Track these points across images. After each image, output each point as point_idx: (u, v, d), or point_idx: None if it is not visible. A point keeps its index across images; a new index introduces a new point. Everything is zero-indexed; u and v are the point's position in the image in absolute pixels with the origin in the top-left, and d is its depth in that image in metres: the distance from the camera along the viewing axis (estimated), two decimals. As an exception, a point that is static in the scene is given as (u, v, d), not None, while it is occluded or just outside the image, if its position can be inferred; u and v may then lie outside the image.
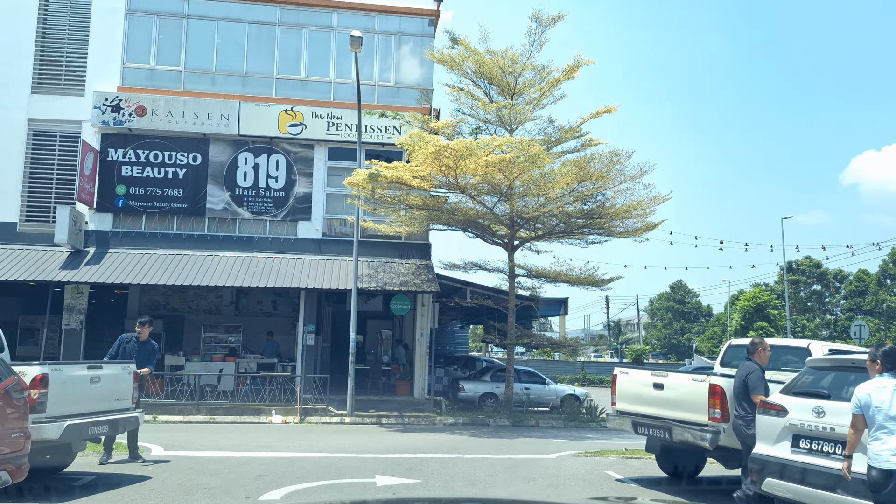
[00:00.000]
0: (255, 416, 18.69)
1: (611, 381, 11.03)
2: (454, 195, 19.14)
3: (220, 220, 21.53)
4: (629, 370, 10.70)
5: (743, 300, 37.87)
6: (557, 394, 23.29)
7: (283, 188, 21.72)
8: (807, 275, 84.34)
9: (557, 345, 19.49)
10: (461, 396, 22.79)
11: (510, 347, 19.62)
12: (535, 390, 22.87)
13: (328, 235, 21.86)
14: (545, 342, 19.18)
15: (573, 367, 42.88)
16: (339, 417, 18.79)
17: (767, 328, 35.84)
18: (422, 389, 21.44)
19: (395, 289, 19.65)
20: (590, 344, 23.98)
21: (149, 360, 11.29)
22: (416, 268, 21.39)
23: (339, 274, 20.46)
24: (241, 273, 19.94)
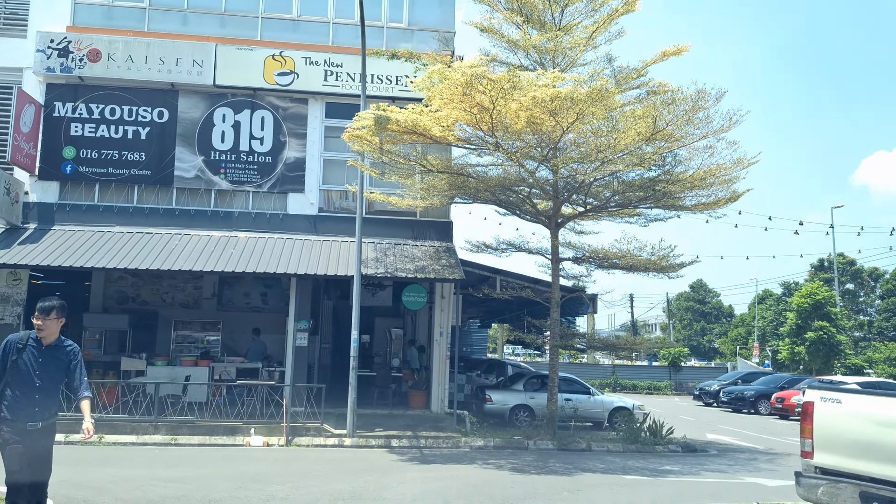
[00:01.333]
0: (229, 437, 14.59)
1: (800, 414, 6.48)
2: (485, 155, 14.98)
3: (191, 192, 17.42)
4: (844, 394, 6.13)
5: (799, 297, 33.50)
6: (605, 406, 19.09)
7: (269, 152, 17.59)
8: (839, 273, 79.41)
9: (613, 347, 15.31)
10: (488, 409, 18.63)
11: (554, 350, 15.43)
12: (578, 402, 18.66)
13: (326, 211, 17.72)
14: (599, 343, 15.01)
15: (602, 372, 38.68)
16: (337, 438, 14.67)
17: (829, 328, 31.53)
18: (440, 401, 17.28)
19: (408, 276, 15.51)
20: (652, 345, 19.60)
21: (53, 376, 5.87)
22: (435, 251, 17.23)
23: (340, 258, 16.32)
24: (217, 256, 15.84)
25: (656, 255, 14.43)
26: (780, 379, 28.65)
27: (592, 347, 14.99)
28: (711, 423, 22.62)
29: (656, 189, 14.78)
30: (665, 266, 14.85)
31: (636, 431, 15.61)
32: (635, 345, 14.61)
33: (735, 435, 19.55)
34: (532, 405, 18.68)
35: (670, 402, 32.44)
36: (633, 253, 14.57)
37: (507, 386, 19.42)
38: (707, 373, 39.50)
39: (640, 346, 14.66)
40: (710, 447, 16.46)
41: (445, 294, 17.52)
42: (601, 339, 15.10)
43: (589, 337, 15.06)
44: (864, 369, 32.16)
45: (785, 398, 25.63)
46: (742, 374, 31.90)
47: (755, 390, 27.87)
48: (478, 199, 16.46)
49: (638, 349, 14.76)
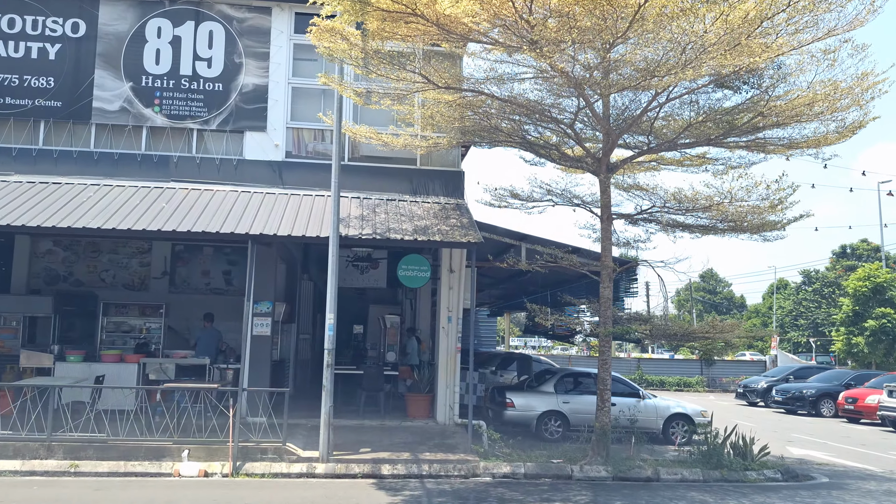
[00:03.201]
0: (152, 462, 10.35)
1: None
2: (511, 66, 10.64)
3: (115, 130, 13.13)
4: None
5: (856, 280, 29.22)
6: (659, 412, 14.84)
7: (220, 78, 13.28)
8: (863, 259, 75.11)
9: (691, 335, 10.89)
10: (509, 417, 14.39)
11: (605, 340, 11.13)
12: (625, 407, 14.42)
13: (295, 156, 13.44)
14: (674, 330, 10.59)
15: (625, 366, 34.40)
16: (306, 464, 10.43)
17: (893, 316, 27.28)
18: (449, 408, 13.04)
19: (405, 238, 11.22)
20: (746, 333, 14.87)
21: None
22: (441, 209, 12.94)
23: (312, 216, 12.03)
24: (146, 212, 11.53)
25: (771, 198, 10.03)
26: (843, 375, 24.39)
27: (663, 336, 10.65)
28: (778, 430, 18.37)
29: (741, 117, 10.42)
30: (767, 223, 10.49)
31: (717, 451, 11.33)
32: (723, 332, 10.34)
33: (820, 447, 15.30)
34: (566, 411, 14.43)
35: (707, 402, 28.16)
36: (735, 196, 10.13)
37: (532, 387, 15.13)
38: (743, 367, 35.23)
39: (731, 333, 10.41)
40: (812, 470, 12.22)
41: (455, 266, 13.23)
42: (678, 325, 10.77)
43: (656, 322, 10.76)
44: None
45: (858, 398, 21.37)
46: (793, 369, 27.65)
47: (816, 388, 23.61)
48: (498, 140, 12.14)
49: (727, 338, 10.49)
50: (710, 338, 10.72)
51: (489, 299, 24.28)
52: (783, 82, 10.66)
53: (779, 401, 24.43)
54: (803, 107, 10.23)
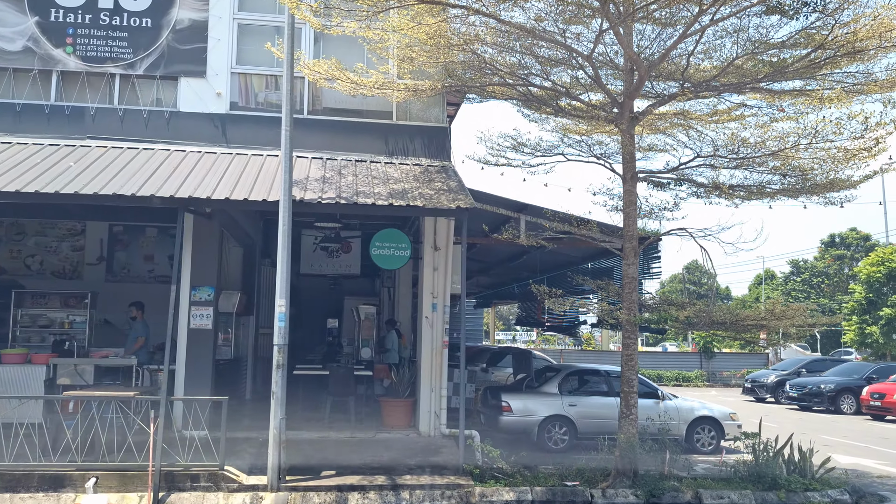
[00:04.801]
0: (49, 493, 7.95)
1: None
2: None
3: (18, 75, 10.58)
4: None
5: (868, 265, 27.23)
6: (681, 415, 12.59)
7: (148, 11, 10.77)
8: (853, 249, 73.83)
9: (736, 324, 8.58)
10: (505, 423, 12.08)
11: (631, 329, 8.81)
12: (642, 410, 12.15)
13: (243, 107, 10.99)
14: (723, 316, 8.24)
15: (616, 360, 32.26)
16: (249, 494, 8.06)
17: (911, 303, 25.32)
18: (433, 416, 10.66)
19: (377, 202, 8.81)
20: (806, 318, 12.17)
21: None
22: (423, 171, 10.56)
23: (262, 178, 9.57)
24: (45, 173, 9.00)
25: (867, 136, 7.62)
26: (863, 368, 22.35)
27: (707, 325, 8.31)
28: (806, 432, 16.21)
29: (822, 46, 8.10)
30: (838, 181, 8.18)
31: (770, 467, 9.07)
32: (783, 318, 8.07)
33: (865, 453, 13.17)
34: (573, 416, 12.15)
35: (711, 398, 26.03)
36: (821, 133, 7.70)
37: (532, 387, 12.80)
38: (744, 360, 33.18)
39: (793, 319, 8.15)
40: (877, 486, 10.05)
41: (441, 243, 10.85)
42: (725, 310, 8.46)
43: (699, 307, 8.43)
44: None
45: (886, 393, 19.31)
46: (805, 361, 25.60)
47: (835, 383, 21.54)
48: (492, 89, 9.79)
49: (788, 325, 8.23)
50: (766, 326, 8.42)
51: (476, 289, 21.95)
52: (848, 6, 8.36)
53: (793, 396, 22.35)
54: (879, 35, 7.94)
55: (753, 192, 9.30)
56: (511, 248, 15.50)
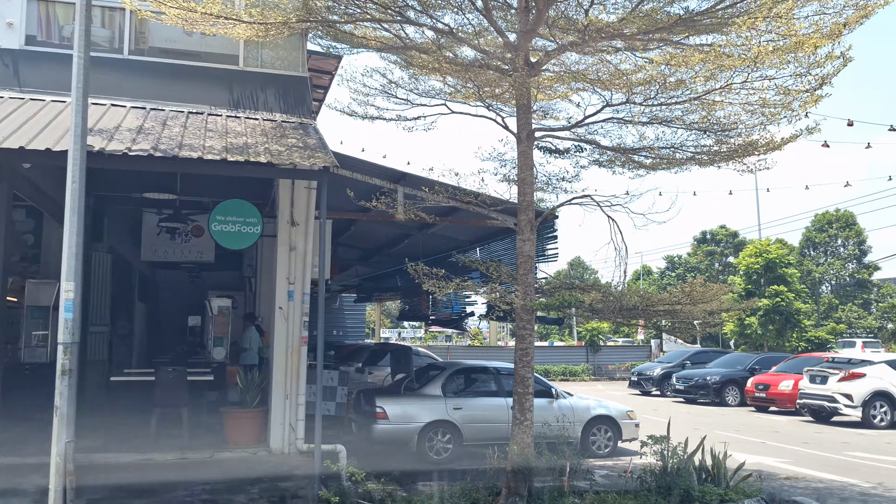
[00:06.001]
0: None
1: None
2: None
3: None
4: None
5: (747, 257, 27.57)
6: (577, 415, 11.30)
7: None
8: (722, 245, 77.80)
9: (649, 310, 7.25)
10: (380, 432, 10.33)
11: (526, 317, 7.27)
12: (538, 411, 10.76)
13: (43, 42, 8.59)
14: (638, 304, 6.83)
15: (506, 355, 31.28)
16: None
17: (786, 294, 25.74)
18: (288, 428, 8.71)
19: (206, 157, 6.76)
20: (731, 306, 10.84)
21: None
22: (276, 126, 8.59)
23: (56, 126, 7.27)
24: None
25: (813, 72, 6.27)
26: (746, 359, 22.27)
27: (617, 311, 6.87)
28: (699, 427, 15.51)
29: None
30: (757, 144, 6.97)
31: (682, 476, 7.81)
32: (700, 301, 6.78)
33: (763, 450, 12.43)
34: (458, 421, 10.58)
35: (598, 392, 25.48)
36: (764, 59, 6.16)
37: (413, 389, 11.09)
38: (629, 353, 33.13)
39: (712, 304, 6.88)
40: (789, 489, 9.10)
41: (300, 217, 8.90)
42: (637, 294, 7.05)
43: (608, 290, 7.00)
44: (829, 344, 26.73)
45: (770, 384, 19.11)
46: (689, 353, 25.47)
47: (721, 374, 21.30)
48: (361, 41, 7.98)
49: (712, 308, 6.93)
50: (680, 311, 7.11)
51: (356, 280, 20.05)
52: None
53: (680, 389, 21.98)
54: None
55: (662, 160, 7.98)
56: (392, 230, 13.78)
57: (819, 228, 65.75)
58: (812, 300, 64.17)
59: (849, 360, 17.41)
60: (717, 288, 7.04)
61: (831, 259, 65.28)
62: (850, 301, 62.03)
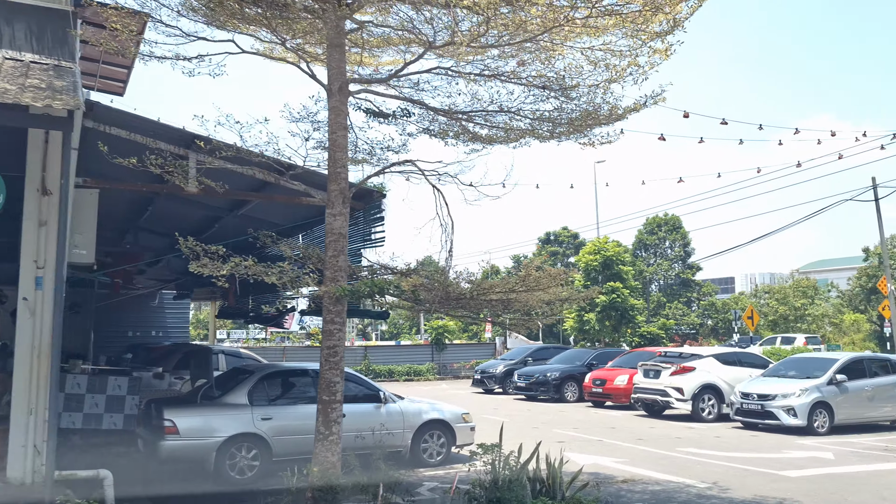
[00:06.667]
0: None
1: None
2: None
3: None
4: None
5: (586, 254, 28.00)
6: (407, 421, 10.14)
7: None
8: (565, 246, 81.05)
9: (481, 299, 6.20)
10: (168, 450, 8.61)
11: (335, 308, 5.96)
12: (359, 419, 9.51)
13: None
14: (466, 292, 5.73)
15: (349, 356, 29.87)
16: None
17: (621, 290, 26.32)
18: (32, 451, 6.80)
19: None
20: (574, 296, 9.99)
21: None
22: (20, 66, 6.66)
23: None
24: None
25: (651, 28, 5.30)
26: (584, 355, 22.34)
27: (443, 301, 5.75)
28: (538, 426, 14.99)
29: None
30: (598, 116, 6.11)
31: (513, 489, 6.84)
32: (536, 289, 5.82)
33: (599, 448, 11.97)
34: (267, 433, 9.08)
35: (442, 391, 24.79)
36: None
37: (213, 397, 9.42)
38: (475, 351, 32.77)
39: (550, 291, 5.95)
40: (627, 496, 8.45)
41: (52, 184, 6.99)
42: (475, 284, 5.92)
43: (433, 273, 5.88)
44: (661, 339, 27.67)
45: (606, 379, 19.12)
46: (531, 350, 25.30)
47: (560, 370, 21.17)
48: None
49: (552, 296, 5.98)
50: (516, 300, 6.11)
51: (170, 274, 17.73)
52: None
53: (521, 386, 21.64)
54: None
55: (499, 131, 6.97)
56: (199, 212, 11.93)
57: (650, 231, 70.09)
58: (643, 298, 68.17)
59: (679, 355, 17.70)
60: (553, 273, 6.11)
61: (660, 260, 69.87)
62: (676, 299, 66.64)
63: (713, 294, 69.85)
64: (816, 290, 55.57)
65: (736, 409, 14.86)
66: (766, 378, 15.21)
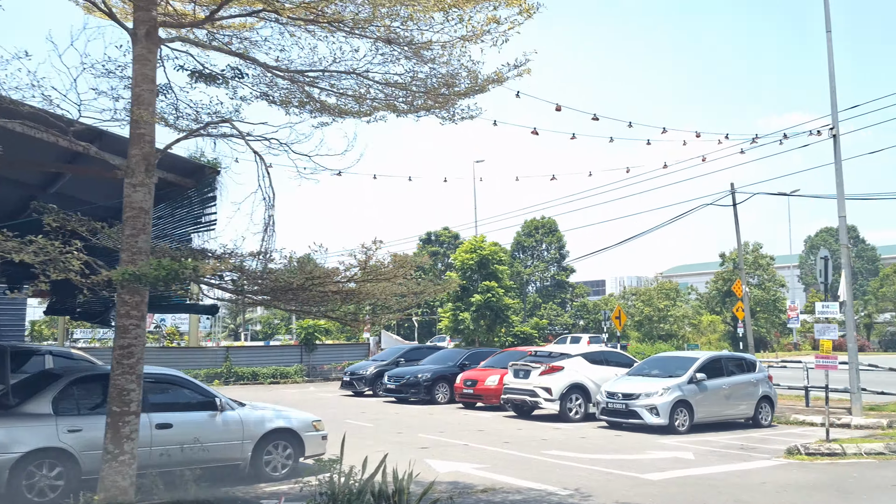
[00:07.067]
0: None
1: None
2: None
3: None
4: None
5: (462, 252, 27.55)
6: (247, 431, 9.01)
7: None
8: (445, 246, 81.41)
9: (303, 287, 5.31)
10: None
11: (128, 297, 4.85)
12: (188, 430, 8.33)
13: None
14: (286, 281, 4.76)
15: (210, 357, 27.83)
16: None
17: (496, 290, 26.10)
18: None
19: None
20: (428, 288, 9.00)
21: None
22: None
23: None
24: None
25: None
26: (457, 355, 21.84)
27: (263, 293, 4.78)
28: (403, 431, 14.22)
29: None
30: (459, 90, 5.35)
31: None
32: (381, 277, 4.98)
33: (464, 453, 11.34)
34: (74, 448, 7.73)
35: (309, 394, 23.57)
36: None
37: (7, 406, 7.91)
38: (347, 352, 31.55)
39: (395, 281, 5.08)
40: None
41: None
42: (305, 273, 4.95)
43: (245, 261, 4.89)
44: (534, 338, 27.68)
45: (477, 380, 18.67)
46: (404, 350, 24.51)
47: (432, 371, 20.53)
48: None
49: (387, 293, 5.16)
50: (359, 292, 5.25)
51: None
52: None
53: (391, 388, 20.80)
54: None
55: (349, 99, 6.08)
56: (14, 192, 10.23)
57: (527, 233, 71.61)
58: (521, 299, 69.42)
59: (549, 354, 17.50)
60: (399, 259, 5.30)
61: (537, 262, 71.53)
62: (551, 300, 68.45)
63: (585, 295, 72.34)
64: (678, 293, 58.61)
65: (602, 408, 14.74)
66: (631, 377, 15.21)
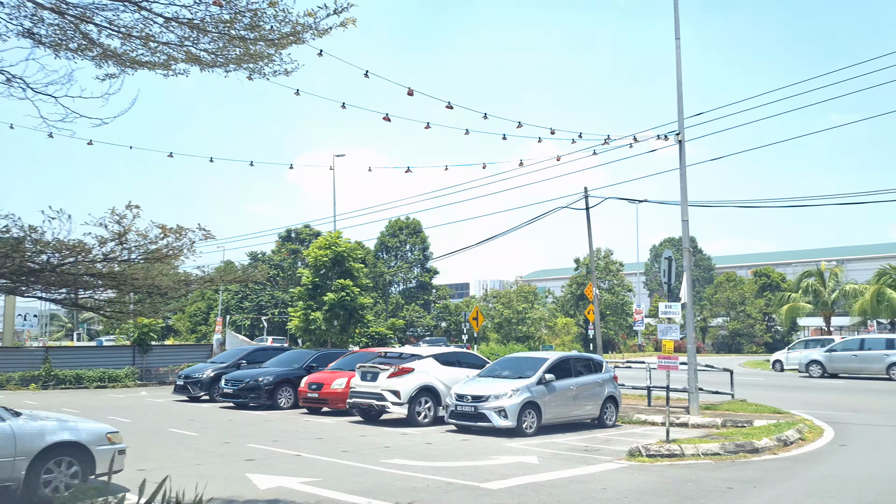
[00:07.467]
0: None
1: None
2: None
3: None
4: None
5: (316, 249, 26.11)
6: (20, 446, 7.42)
7: None
8: (306, 244, 79.60)
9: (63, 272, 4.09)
10: None
11: None
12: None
13: None
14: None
15: (26, 359, 24.64)
16: None
17: (351, 289, 24.93)
18: None
19: None
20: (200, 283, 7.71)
21: None
22: None
23: None
24: None
25: None
26: (303, 357, 20.51)
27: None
28: (231, 440, 12.86)
29: None
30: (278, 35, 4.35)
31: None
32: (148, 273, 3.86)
33: (294, 465, 10.24)
34: None
35: (137, 400, 21.36)
36: None
37: None
38: (187, 353, 29.16)
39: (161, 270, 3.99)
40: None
41: None
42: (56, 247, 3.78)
43: None
44: (390, 339, 26.77)
45: (323, 383, 17.51)
46: (247, 351, 22.78)
47: (275, 374, 19.10)
48: None
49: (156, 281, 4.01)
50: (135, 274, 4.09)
51: None
52: None
53: (229, 393, 19.16)
54: None
55: (138, 41, 4.88)
56: None
57: (392, 234, 70.82)
58: (383, 300, 68.57)
59: (400, 355, 16.68)
60: (170, 231, 4.20)
61: (401, 262, 70.92)
62: (414, 302, 68.11)
63: (448, 297, 72.68)
64: (536, 296, 60.19)
65: (451, 411, 14.11)
66: (482, 378, 14.71)
